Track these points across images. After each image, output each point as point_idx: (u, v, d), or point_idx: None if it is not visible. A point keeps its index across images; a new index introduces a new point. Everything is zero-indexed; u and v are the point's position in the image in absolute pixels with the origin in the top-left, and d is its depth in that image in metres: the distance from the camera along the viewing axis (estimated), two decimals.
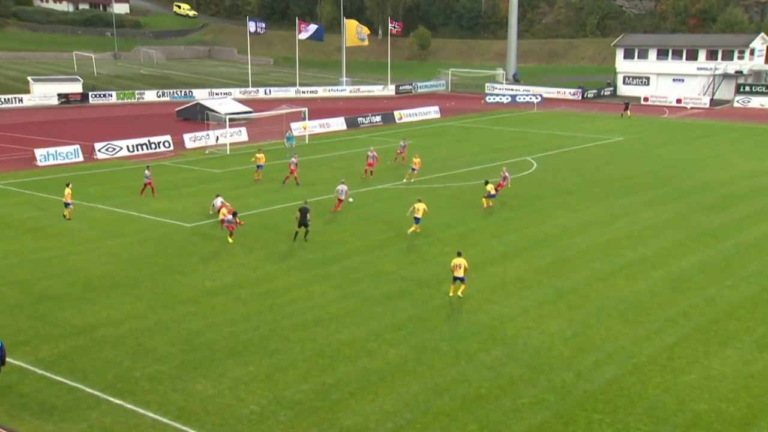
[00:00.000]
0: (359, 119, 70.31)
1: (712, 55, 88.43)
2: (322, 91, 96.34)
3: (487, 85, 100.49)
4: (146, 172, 39.59)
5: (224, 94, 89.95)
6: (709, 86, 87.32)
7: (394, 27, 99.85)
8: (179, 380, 19.10)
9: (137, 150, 54.28)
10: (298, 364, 20.01)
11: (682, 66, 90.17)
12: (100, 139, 55.75)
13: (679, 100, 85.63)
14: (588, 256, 29.13)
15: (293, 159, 43.04)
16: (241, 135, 60.48)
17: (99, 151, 52.68)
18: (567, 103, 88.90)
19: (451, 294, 24.44)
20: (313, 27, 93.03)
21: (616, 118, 74.29)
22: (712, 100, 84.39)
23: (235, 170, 47.87)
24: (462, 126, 69.49)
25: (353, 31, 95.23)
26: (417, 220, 31.88)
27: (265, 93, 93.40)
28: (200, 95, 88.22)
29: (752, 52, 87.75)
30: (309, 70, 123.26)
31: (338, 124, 68.15)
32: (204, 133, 57.81)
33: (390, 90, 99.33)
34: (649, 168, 47.15)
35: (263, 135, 61.73)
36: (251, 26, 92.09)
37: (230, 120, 57.77)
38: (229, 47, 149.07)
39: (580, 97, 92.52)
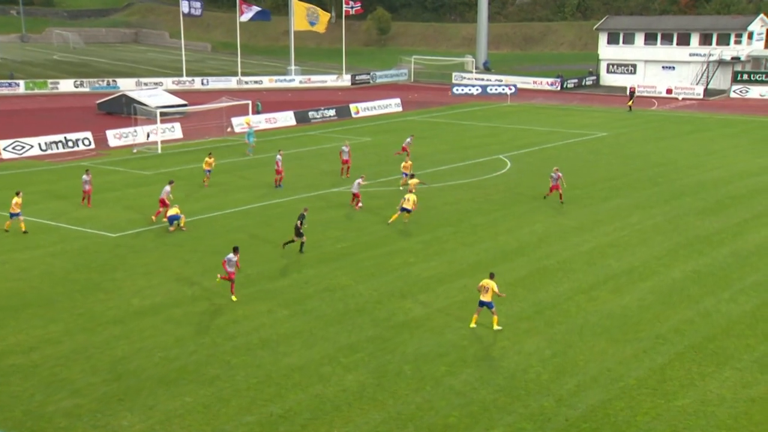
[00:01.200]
0: (310, 113, 70.30)
1: (705, 40, 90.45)
2: (267, 82, 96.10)
3: (454, 74, 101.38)
4: (85, 176, 38.07)
5: (154, 84, 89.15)
6: (702, 74, 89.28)
7: (351, 7, 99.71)
8: (101, 415, 18.80)
9: (51, 148, 53.42)
10: (242, 393, 19.87)
11: (673, 52, 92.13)
12: (5, 135, 54.70)
13: (669, 91, 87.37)
14: (569, 266, 29.50)
15: (279, 156, 42.78)
16: (175, 131, 60.00)
17: (5, 149, 51.69)
18: (544, 95, 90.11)
19: (472, 324, 23.76)
20: (256, 8, 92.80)
21: (599, 111, 75.52)
22: (706, 90, 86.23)
23: (168, 172, 47.37)
24: (427, 121, 69.90)
25: (303, 14, 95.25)
26: (405, 210, 33.24)
27: (203, 83, 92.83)
28: (126, 85, 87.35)
29: (750, 36, 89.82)
30: (252, 58, 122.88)
31: (286, 119, 68.07)
32: (131, 129, 57.25)
33: (345, 80, 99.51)
34: (637, 167, 48.01)
35: (201, 131, 61.33)
36: (184, 6, 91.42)
37: (162, 114, 57.30)
38: (159, 30, 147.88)
39: (558, 88, 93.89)
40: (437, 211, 37.45)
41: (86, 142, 55.18)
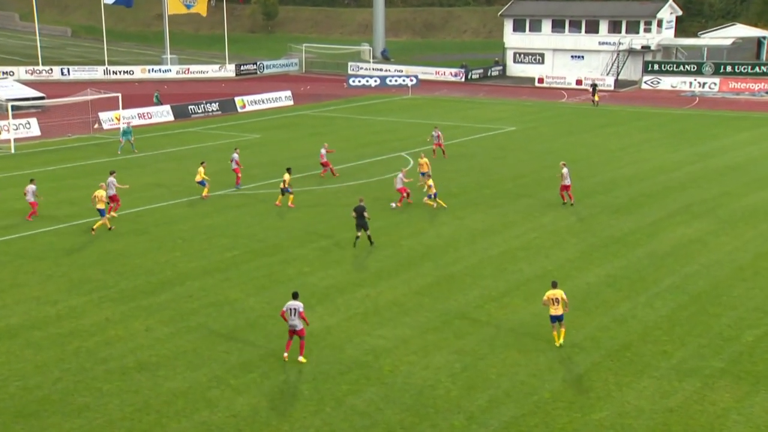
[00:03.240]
0: (190, 107, 69.29)
1: (615, 27, 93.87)
2: (139, 72, 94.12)
3: (350, 64, 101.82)
4: (31, 187, 36.22)
5: (4, 73, 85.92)
6: (612, 64, 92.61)
7: None
8: None
9: None
10: (116, 424, 19.38)
11: (581, 40, 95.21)
12: None
13: (579, 82, 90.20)
14: (478, 272, 30.04)
15: (235, 155, 42.11)
16: (31, 128, 58.13)
17: None
18: (448, 86, 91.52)
19: (559, 342, 23.61)
20: None
21: (507, 104, 77.27)
22: (616, 80, 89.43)
23: (23, 174, 45.76)
24: (320, 115, 69.91)
25: None
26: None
27: (63, 73, 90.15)
28: None
29: (660, 24, 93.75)
30: (121, 45, 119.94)
31: (163, 114, 66.88)
32: None
33: (229, 71, 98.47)
34: (547, 164, 49.30)
35: (62, 128, 59.49)
36: None
37: (14, 108, 55.36)
38: (7, 11, 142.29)
39: (463, 79, 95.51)
40: (334, 215, 37.50)
41: None
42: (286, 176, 38.38)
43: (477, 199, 40.47)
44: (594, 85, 78.72)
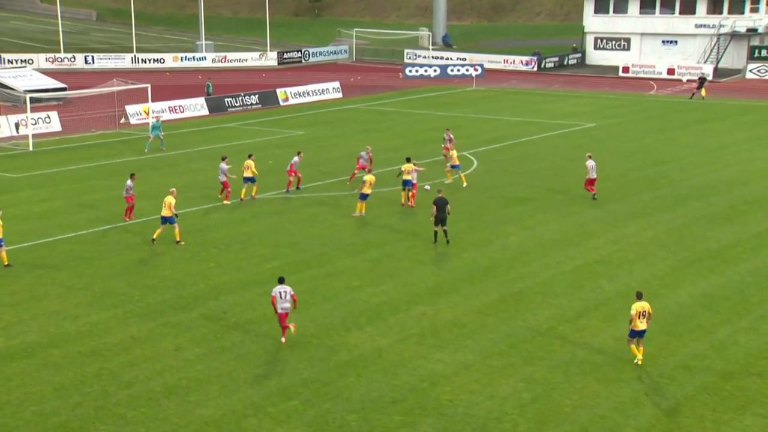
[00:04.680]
0: (227, 100, 70.07)
1: (715, 8, 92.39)
2: (171, 60, 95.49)
3: (406, 51, 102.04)
4: (130, 181, 37.21)
5: (23, 61, 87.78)
6: (711, 51, 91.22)
7: None
8: None
9: None
10: None
11: (675, 23, 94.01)
12: None
13: (671, 71, 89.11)
14: (550, 289, 29.83)
15: (296, 159, 42.15)
16: (51, 123, 59.21)
17: None
18: (518, 77, 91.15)
19: (639, 360, 23.78)
20: None
21: (586, 96, 76.70)
22: (716, 69, 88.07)
23: (42, 174, 46.71)
24: (372, 109, 70.13)
25: None
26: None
27: (86, 61, 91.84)
28: None
29: None
30: (151, 29, 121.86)
31: (196, 107, 67.73)
32: None
33: (270, 59, 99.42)
34: (632, 165, 48.82)
35: (85, 123, 60.57)
36: None
37: (33, 101, 56.50)
38: None
39: (535, 68, 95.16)
40: (386, 222, 37.56)
41: None
42: (406, 165, 39.13)
43: (549, 206, 40.22)
44: (702, 78, 75.60)
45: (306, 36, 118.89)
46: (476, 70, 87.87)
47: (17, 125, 56.30)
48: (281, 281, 25.42)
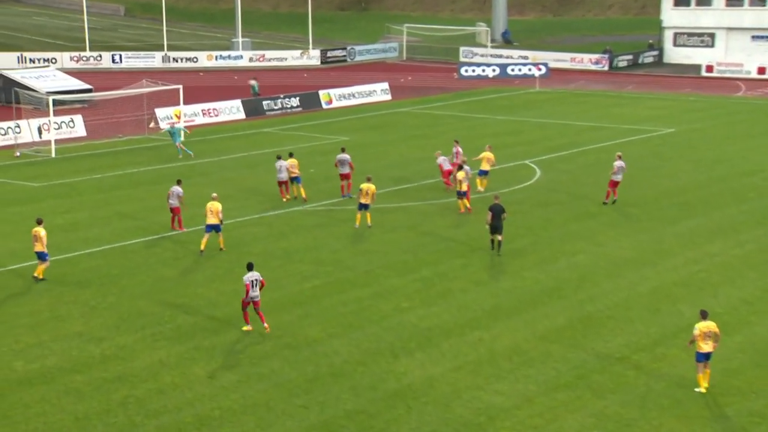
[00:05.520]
0: (265, 103, 70.50)
1: None
2: (204, 59, 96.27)
3: (462, 49, 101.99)
4: (176, 189, 38.06)
5: (45, 60, 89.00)
6: None
7: None
8: None
9: None
10: None
11: (766, 16, 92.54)
12: None
13: (762, 70, 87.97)
14: (623, 313, 29.58)
15: (347, 156, 43.33)
16: (75, 127, 59.96)
17: None
18: (586, 76, 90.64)
19: (704, 388, 23.79)
20: None
21: (664, 99, 75.96)
22: None
23: (65, 184, 47.25)
24: (424, 113, 70.13)
25: None
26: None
27: (114, 60, 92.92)
28: (3, 62, 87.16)
29: None
30: (183, 25, 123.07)
31: (232, 110, 68.19)
32: (12, 123, 57.12)
33: (313, 58, 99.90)
34: (716, 175, 48.29)
35: (112, 127, 61.13)
36: None
37: (56, 103, 57.13)
38: None
39: (606, 67, 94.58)
40: (440, 237, 37.51)
41: None
42: (459, 173, 39.93)
43: (621, 220, 39.92)
44: None
45: (352, 32, 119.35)
46: (540, 69, 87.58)
47: (39, 130, 56.96)
48: (250, 267, 27.66)
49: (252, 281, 27.34)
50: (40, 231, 32.23)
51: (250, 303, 27.53)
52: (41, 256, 32.24)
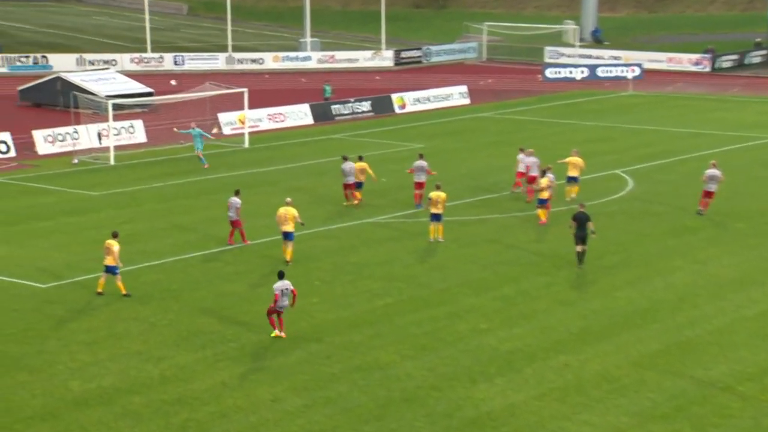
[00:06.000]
0: (334, 107, 70.66)
1: None
2: (271, 60, 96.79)
3: (547, 49, 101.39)
4: (235, 200, 38.23)
5: (105, 62, 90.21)
6: None
7: None
8: None
9: None
10: None
11: None
12: None
13: None
14: (726, 338, 29.15)
15: (424, 163, 43.81)
16: (135, 133, 60.53)
17: None
18: (685, 78, 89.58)
19: None
20: None
21: None
22: None
23: (124, 192, 47.82)
24: (506, 118, 69.90)
25: None
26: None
27: (176, 62, 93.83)
28: (62, 64, 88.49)
29: None
30: (249, 25, 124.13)
31: (300, 115, 68.42)
32: (70, 129, 57.88)
33: (386, 58, 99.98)
34: None
35: (174, 133, 61.48)
36: None
37: (116, 107, 57.79)
38: None
39: (708, 68, 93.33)
40: (523, 252, 37.29)
41: (2, 147, 55.85)
42: (543, 180, 40.41)
43: (724, 236, 39.43)
44: None
45: (428, 31, 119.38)
46: (633, 71, 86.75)
47: (99, 135, 57.57)
48: (281, 276, 28.72)
49: (282, 290, 28.34)
50: (114, 244, 32.52)
51: (279, 313, 28.70)
52: (111, 270, 32.55)
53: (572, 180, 44.62)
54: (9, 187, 48.55)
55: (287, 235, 35.89)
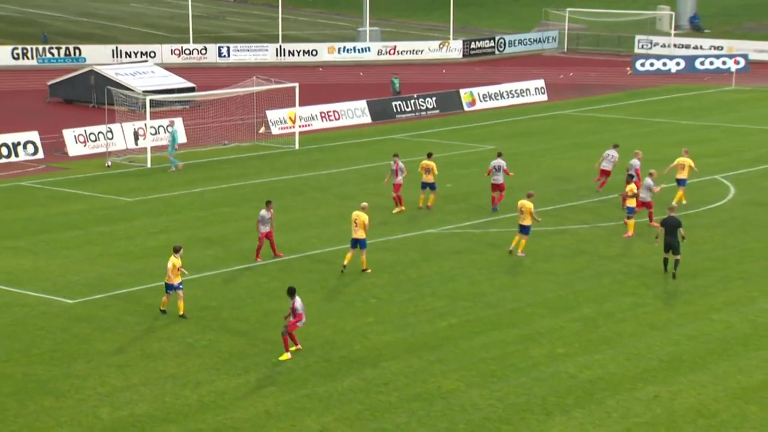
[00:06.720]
0: (395, 104, 70.75)
1: None
2: (325, 52, 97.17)
3: (638, 39, 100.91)
4: (265, 212, 38.09)
5: (143, 54, 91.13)
6: None
7: None
8: None
9: None
10: None
11: None
12: None
13: None
14: None
15: (502, 162, 44.36)
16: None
17: None
18: None
19: None
20: None
21: None
22: None
23: (160, 199, 48.16)
24: (589, 116, 69.65)
25: None
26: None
27: (220, 54, 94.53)
28: (96, 56, 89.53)
29: None
30: (302, 12, 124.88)
31: (356, 113, 68.59)
32: (103, 127, 58.38)
33: (453, 50, 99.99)
34: None
35: (216, 133, 62.00)
36: None
37: (155, 104, 58.21)
38: None
39: None
40: (606, 269, 37.06)
41: (30, 148, 56.55)
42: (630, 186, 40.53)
43: None
44: None
45: (501, 19, 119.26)
46: (737, 62, 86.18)
47: (135, 135, 57.96)
48: (293, 293, 29.44)
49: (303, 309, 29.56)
50: (177, 261, 32.71)
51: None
52: (172, 287, 32.70)
53: (682, 183, 44.72)
54: (36, 192, 49.12)
55: (356, 242, 36.10)
